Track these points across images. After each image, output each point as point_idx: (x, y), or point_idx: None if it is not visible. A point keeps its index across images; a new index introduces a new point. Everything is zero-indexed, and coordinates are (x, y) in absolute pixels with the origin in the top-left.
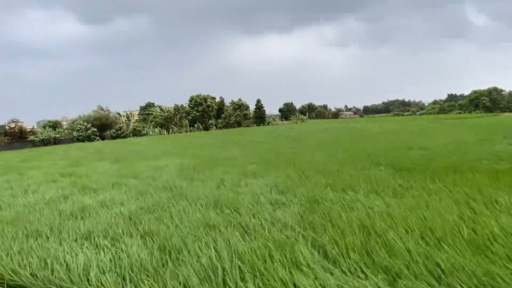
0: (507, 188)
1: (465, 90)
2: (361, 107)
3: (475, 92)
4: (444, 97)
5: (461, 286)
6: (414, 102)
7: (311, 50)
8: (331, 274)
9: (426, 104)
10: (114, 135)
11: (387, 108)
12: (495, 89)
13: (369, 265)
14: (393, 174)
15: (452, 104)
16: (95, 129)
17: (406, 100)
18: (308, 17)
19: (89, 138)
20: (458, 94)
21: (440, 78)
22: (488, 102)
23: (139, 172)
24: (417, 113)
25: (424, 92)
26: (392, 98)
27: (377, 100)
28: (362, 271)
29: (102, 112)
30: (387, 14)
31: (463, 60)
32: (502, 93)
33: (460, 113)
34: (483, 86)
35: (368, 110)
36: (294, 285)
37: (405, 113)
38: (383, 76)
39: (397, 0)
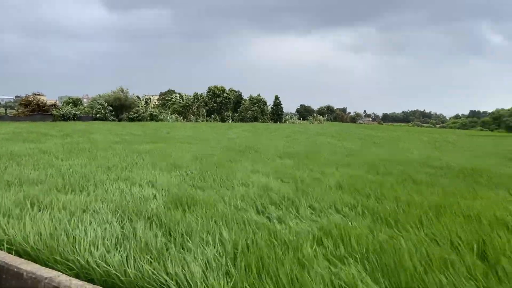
0: None
1: (488, 107)
2: (380, 114)
3: (498, 110)
4: (466, 112)
5: None
6: (435, 114)
7: (328, 53)
8: None
9: (448, 118)
10: (131, 117)
11: (406, 118)
12: None
13: None
14: None
15: (475, 121)
16: (111, 109)
17: (427, 111)
18: (325, 21)
19: (106, 118)
20: (481, 110)
21: (462, 93)
22: (511, 122)
23: None
24: (437, 126)
25: (445, 105)
26: (413, 108)
27: (397, 108)
28: None
29: (122, 93)
30: (402, 25)
31: (485, 77)
32: None
33: (482, 130)
34: (508, 105)
35: (387, 118)
36: None
37: (424, 125)
38: (402, 85)
39: (412, 13)
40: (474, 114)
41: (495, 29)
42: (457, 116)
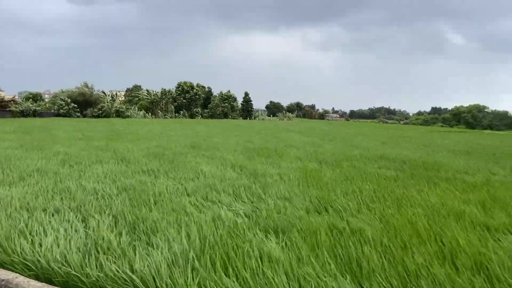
0: None
1: (449, 104)
2: (347, 110)
3: (457, 108)
4: (428, 109)
5: None
6: (400, 111)
7: (296, 51)
8: None
9: (411, 114)
10: (95, 114)
11: (373, 115)
12: (477, 106)
13: None
14: None
15: (436, 117)
16: (75, 106)
17: (392, 108)
18: (291, 19)
19: (69, 114)
20: (442, 107)
21: (424, 90)
22: (470, 118)
23: None
24: (401, 122)
25: (409, 102)
26: (378, 105)
27: (363, 105)
28: None
29: (87, 89)
30: (367, 25)
31: (445, 75)
32: (486, 110)
33: (442, 126)
34: (466, 102)
35: (354, 115)
36: None
37: (389, 121)
38: (368, 82)
39: (376, 13)
40: (435, 111)
41: (454, 29)
42: (419, 113)
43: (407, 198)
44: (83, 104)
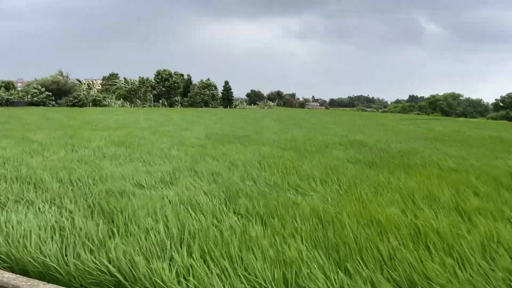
0: None
1: (425, 92)
2: (327, 99)
3: (433, 96)
4: (406, 97)
5: None
6: (378, 99)
7: (276, 39)
8: None
9: (389, 103)
10: (70, 103)
11: (352, 103)
12: (452, 94)
13: None
14: None
15: (413, 105)
16: (50, 94)
17: (371, 96)
18: (271, 7)
19: (44, 103)
20: (419, 95)
21: (402, 79)
22: (445, 106)
23: None
24: (380, 110)
25: (387, 90)
26: (357, 93)
27: (343, 94)
28: None
29: (61, 77)
30: (344, 13)
31: (421, 64)
32: (460, 98)
33: (419, 113)
34: (441, 90)
35: (334, 103)
36: None
37: (368, 109)
38: (347, 71)
39: (354, 2)
40: (412, 99)
41: (431, 19)
42: (397, 101)
43: (385, 184)
44: (57, 93)
